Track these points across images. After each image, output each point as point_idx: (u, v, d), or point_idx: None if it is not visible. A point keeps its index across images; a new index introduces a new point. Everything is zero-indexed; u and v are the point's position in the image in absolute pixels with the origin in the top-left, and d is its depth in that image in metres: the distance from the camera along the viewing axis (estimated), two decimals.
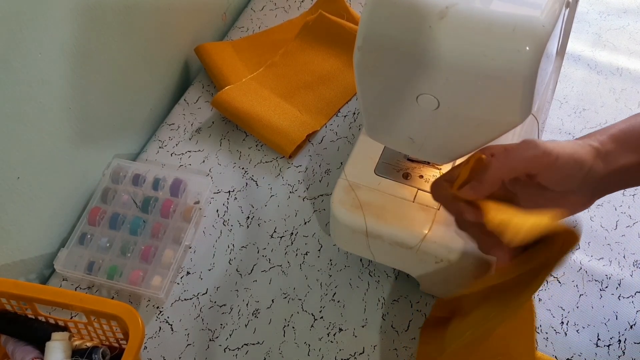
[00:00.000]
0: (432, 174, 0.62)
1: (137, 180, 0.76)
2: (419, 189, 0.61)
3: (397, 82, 0.49)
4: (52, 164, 0.69)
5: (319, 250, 0.72)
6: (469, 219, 0.51)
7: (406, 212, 0.60)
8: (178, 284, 0.70)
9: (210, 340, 0.66)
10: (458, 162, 0.63)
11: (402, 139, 0.55)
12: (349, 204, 0.61)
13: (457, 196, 0.51)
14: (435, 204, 0.60)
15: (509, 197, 0.52)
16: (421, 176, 0.62)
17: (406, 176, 0.62)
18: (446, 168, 0.62)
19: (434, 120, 0.50)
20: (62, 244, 0.72)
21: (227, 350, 0.66)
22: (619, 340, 0.64)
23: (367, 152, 0.64)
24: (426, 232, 0.58)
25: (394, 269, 0.69)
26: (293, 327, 0.67)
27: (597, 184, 0.50)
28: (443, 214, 0.59)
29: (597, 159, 0.49)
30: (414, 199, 0.60)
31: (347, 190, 0.61)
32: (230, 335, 0.66)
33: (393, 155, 0.63)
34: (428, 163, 0.63)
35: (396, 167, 0.63)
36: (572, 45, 0.88)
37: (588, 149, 0.49)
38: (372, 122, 0.56)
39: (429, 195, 0.60)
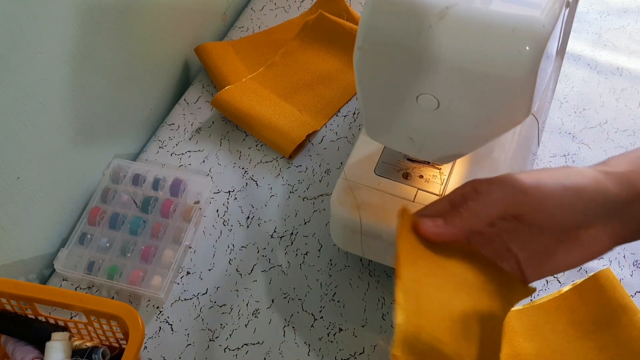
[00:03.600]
0: (432, 174, 0.62)
1: (137, 180, 0.76)
2: (419, 189, 0.61)
3: (397, 82, 0.49)
4: (52, 164, 0.69)
5: (319, 250, 0.72)
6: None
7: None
8: (178, 284, 0.70)
9: (210, 340, 0.66)
10: (458, 162, 0.63)
11: (402, 139, 0.55)
12: (348, 204, 0.61)
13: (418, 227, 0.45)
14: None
15: (498, 249, 0.46)
16: (421, 176, 0.62)
17: (406, 176, 0.62)
18: (446, 168, 0.63)
19: (434, 120, 0.50)
20: (62, 244, 0.72)
21: (227, 350, 0.66)
22: None
23: (367, 152, 0.64)
24: None
25: (394, 269, 0.69)
26: (293, 327, 0.67)
27: (622, 211, 0.42)
28: None
29: (608, 181, 0.42)
30: (414, 198, 0.60)
31: (347, 190, 0.61)
32: (230, 335, 0.66)
33: (393, 155, 0.63)
34: (428, 163, 0.63)
35: (396, 167, 0.63)
36: (572, 45, 0.88)
37: (590, 173, 0.42)
38: (372, 122, 0.56)
39: (430, 195, 0.60)
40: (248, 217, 0.75)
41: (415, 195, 0.60)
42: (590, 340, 0.61)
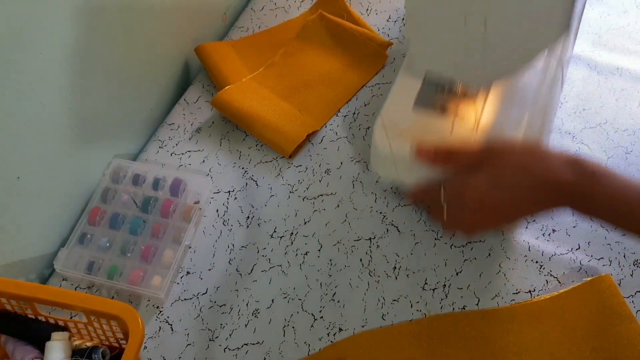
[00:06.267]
0: (468, 109, 0.66)
1: (137, 180, 0.76)
2: (455, 123, 0.65)
3: (446, 1, 0.53)
4: (52, 164, 0.69)
5: (319, 250, 0.72)
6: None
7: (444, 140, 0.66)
8: (178, 283, 0.70)
9: (210, 340, 0.66)
10: (490, 99, 0.68)
11: (447, 61, 0.59)
12: (389, 136, 0.65)
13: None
14: (472, 137, 0.65)
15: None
16: (457, 112, 0.66)
17: (443, 111, 0.66)
18: (480, 105, 0.67)
19: (479, 40, 0.55)
20: (62, 244, 0.72)
21: (227, 350, 0.66)
22: None
23: (404, 90, 0.69)
24: None
25: (394, 269, 0.69)
26: (293, 327, 0.67)
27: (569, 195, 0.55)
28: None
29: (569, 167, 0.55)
30: (450, 132, 0.64)
31: (387, 125, 0.66)
32: (230, 335, 0.67)
33: (430, 92, 0.67)
34: (464, 98, 0.66)
35: (433, 103, 0.67)
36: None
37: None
38: (418, 46, 0.59)
39: (465, 129, 0.66)
40: (248, 217, 0.75)
41: (452, 128, 0.64)
42: (582, 344, 0.61)
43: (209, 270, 0.71)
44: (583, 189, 0.55)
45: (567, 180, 0.55)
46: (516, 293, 0.67)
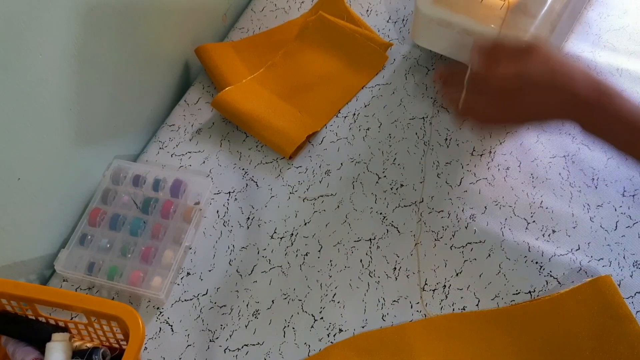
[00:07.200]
0: None
1: (137, 181, 0.76)
2: None
3: None
4: (53, 165, 0.69)
5: (319, 251, 0.72)
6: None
7: (475, 8, 0.75)
8: (178, 284, 0.71)
9: (210, 341, 0.66)
10: None
11: None
12: (432, 1, 0.75)
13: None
14: (500, 5, 0.73)
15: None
16: None
17: None
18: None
19: None
20: (63, 245, 0.73)
21: (227, 350, 0.66)
22: None
23: None
24: (493, 26, 0.73)
25: (394, 269, 0.69)
26: (293, 328, 0.67)
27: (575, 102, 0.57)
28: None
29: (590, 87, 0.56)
30: (481, 1, 0.74)
31: None
32: (230, 336, 0.67)
33: None
34: None
35: None
36: (572, 46, 0.88)
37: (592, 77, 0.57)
38: None
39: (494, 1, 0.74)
40: (248, 218, 0.75)
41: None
42: (582, 344, 0.61)
43: (209, 271, 0.71)
44: (593, 105, 0.57)
45: (581, 93, 0.57)
46: (516, 294, 0.67)
